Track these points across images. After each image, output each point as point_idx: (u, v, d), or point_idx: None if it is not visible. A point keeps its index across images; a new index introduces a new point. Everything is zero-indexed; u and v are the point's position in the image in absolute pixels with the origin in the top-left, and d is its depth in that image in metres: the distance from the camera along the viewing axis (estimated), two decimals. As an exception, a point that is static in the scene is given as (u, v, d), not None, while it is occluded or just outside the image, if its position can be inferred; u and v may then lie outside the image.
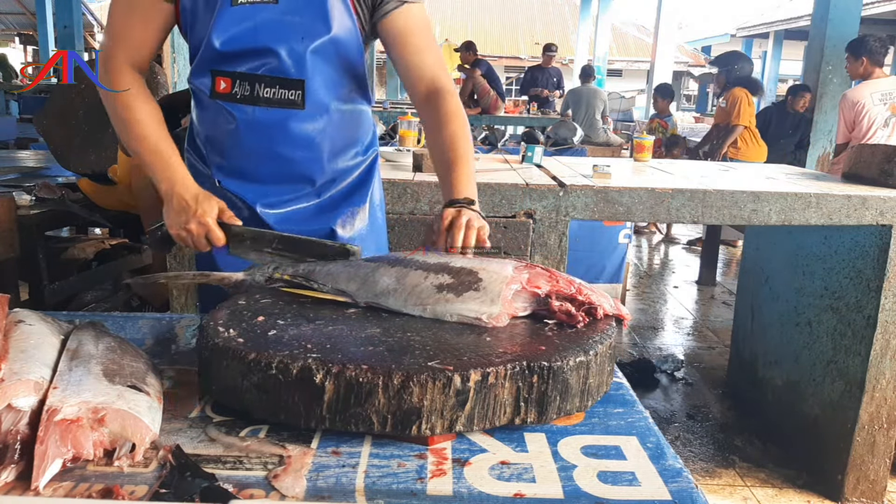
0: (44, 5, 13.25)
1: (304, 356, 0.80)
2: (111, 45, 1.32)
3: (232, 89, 1.31)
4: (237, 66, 1.29)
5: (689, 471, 0.77)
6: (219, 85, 1.32)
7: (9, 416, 0.74)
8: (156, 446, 0.77)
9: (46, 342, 0.90)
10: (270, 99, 1.30)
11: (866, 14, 9.43)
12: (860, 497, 2.39)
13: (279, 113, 1.32)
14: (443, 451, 0.79)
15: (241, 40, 1.27)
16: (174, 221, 1.24)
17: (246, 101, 1.31)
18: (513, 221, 2.17)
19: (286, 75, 1.29)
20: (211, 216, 1.22)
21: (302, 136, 1.35)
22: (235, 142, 1.37)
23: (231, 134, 1.36)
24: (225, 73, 1.31)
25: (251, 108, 1.32)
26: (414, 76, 1.35)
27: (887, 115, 4.26)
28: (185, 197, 1.24)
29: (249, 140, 1.35)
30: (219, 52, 1.28)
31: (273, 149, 1.36)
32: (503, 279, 0.97)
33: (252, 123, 1.33)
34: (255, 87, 1.30)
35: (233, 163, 1.40)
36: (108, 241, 3.52)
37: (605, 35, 13.89)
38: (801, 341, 2.66)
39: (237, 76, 1.30)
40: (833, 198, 2.22)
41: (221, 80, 1.31)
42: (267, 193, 1.40)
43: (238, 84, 1.31)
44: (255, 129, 1.34)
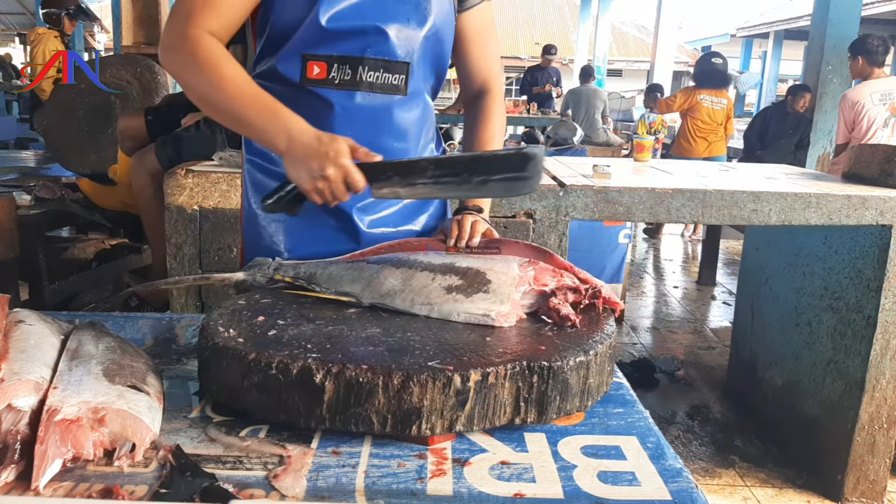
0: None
1: (304, 356, 0.80)
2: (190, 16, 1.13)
3: (328, 74, 1.21)
4: (335, 48, 1.19)
5: (689, 471, 0.77)
6: (311, 70, 1.21)
7: (9, 416, 0.74)
8: (156, 446, 0.77)
9: (46, 342, 0.90)
10: (373, 83, 1.22)
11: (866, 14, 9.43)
12: (860, 497, 2.39)
13: (381, 99, 1.24)
14: (443, 451, 0.79)
15: (348, 17, 1.18)
16: (305, 174, 1.06)
17: (346, 85, 1.21)
18: (513, 221, 2.17)
19: (393, 57, 1.21)
20: (345, 155, 1.05)
21: (401, 125, 1.28)
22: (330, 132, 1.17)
23: (325, 125, 1.18)
24: (319, 56, 1.20)
25: (352, 93, 1.22)
26: (472, 73, 1.34)
27: (887, 116, 4.27)
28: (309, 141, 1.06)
29: (347, 130, 1.18)
30: (324, 30, 1.17)
31: (372, 140, 1.19)
32: (512, 280, 0.97)
33: (352, 111, 1.23)
34: (357, 71, 1.21)
35: None
36: (108, 241, 3.52)
37: (605, 35, 13.89)
38: (801, 341, 2.66)
39: (334, 60, 1.20)
40: (833, 198, 2.21)
41: (315, 64, 1.20)
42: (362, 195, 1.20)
43: (336, 68, 1.20)
44: (356, 118, 1.23)
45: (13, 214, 2.57)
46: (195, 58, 1.11)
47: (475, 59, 1.34)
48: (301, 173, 1.06)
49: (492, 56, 1.36)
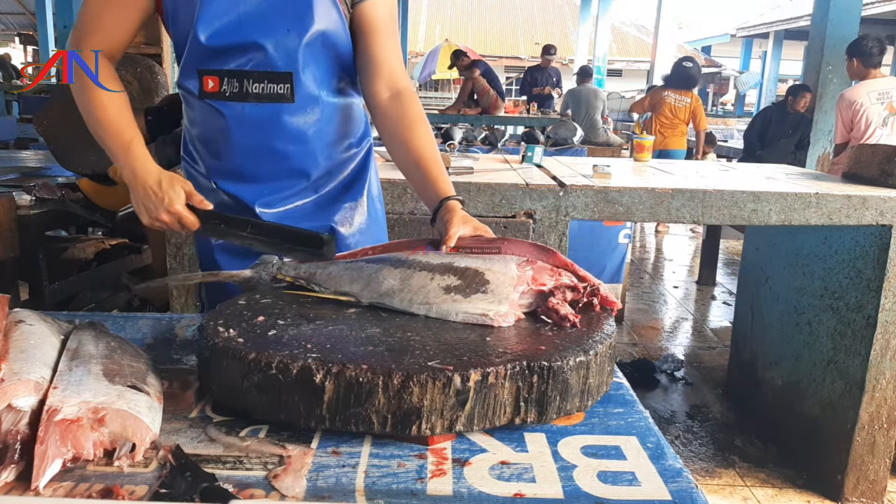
0: (44, 5, 13.24)
1: (304, 356, 0.80)
2: (83, 31, 1.28)
3: (220, 87, 1.30)
4: (224, 63, 1.28)
5: (689, 471, 0.77)
6: (207, 84, 1.30)
7: (9, 416, 0.74)
8: (156, 446, 0.77)
9: (46, 342, 0.90)
10: (260, 94, 1.29)
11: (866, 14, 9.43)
12: (860, 497, 2.39)
13: (269, 108, 1.30)
14: (443, 451, 0.79)
15: (226, 35, 1.25)
16: (143, 210, 1.19)
17: (235, 97, 1.30)
18: (513, 221, 2.17)
19: (274, 69, 1.27)
20: (179, 203, 1.17)
21: (294, 129, 1.33)
22: (227, 141, 1.35)
23: (223, 133, 1.34)
24: (212, 71, 1.29)
25: (241, 104, 1.30)
26: (373, 70, 1.34)
27: (885, 115, 4.28)
28: (150, 183, 1.18)
29: (241, 137, 1.34)
30: (204, 48, 1.26)
31: (266, 144, 1.34)
32: (510, 280, 0.97)
33: (242, 120, 1.32)
34: (243, 84, 1.29)
35: (227, 163, 1.38)
36: (108, 241, 3.52)
37: (605, 35, 13.89)
38: (801, 341, 2.66)
39: (224, 74, 1.29)
40: (833, 198, 2.21)
41: (209, 79, 1.30)
42: (264, 192, 1.38)
43: (226, 82, 1.29)
44: (246, 126, 1.32)
45: (13, 214, 2.57)
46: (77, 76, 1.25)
47: (374, 55, 1.33)
48: (140, 209, 1.20)
49: (392, 51, 1.34)
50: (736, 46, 22.93)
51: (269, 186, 1.38)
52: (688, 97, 6.18)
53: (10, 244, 2.54)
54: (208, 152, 1.40)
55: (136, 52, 4.32)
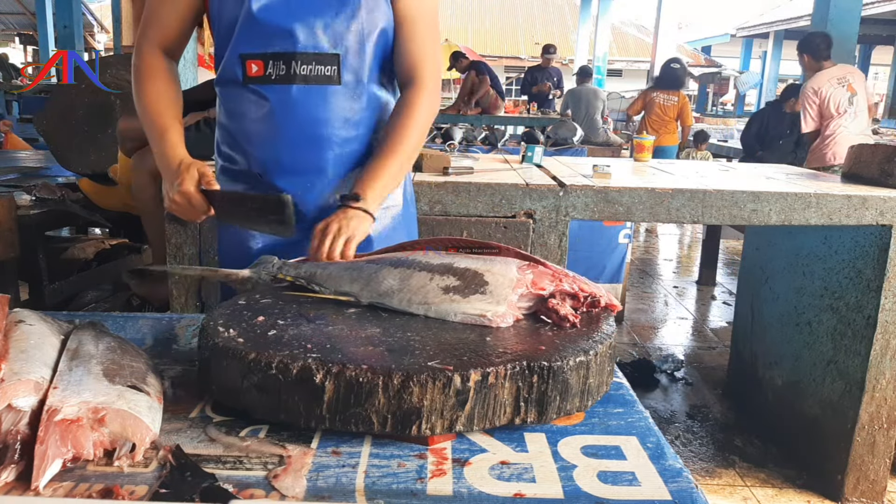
0: (44, 5, 13.24)
1: (304, 356, 0.80)
2: (142, 28, 1.34)
3: (265, 71, 1.29)
4: (269, 46, 1.27)
5: (689, 471, 0.77)
6: (250, 69, 1.29)
7: (9, 416, 0.74)
8: (156, 446, 0.77)
9: (46, 342, 0.90)
10: (307, 76, 1.28)
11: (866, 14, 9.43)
12: (860, 497, 2.39)
13: (317, 90, 1.29)
14: (443, 451, 0.79)
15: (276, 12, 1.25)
16: (165, 193, 1.23)
17: (281, 80, 1.28)
18: (513, 221, 2.17)
19: (321, 50, 1.27)
20: (190, 184, 1.19)
21: (341, 114, 1.32)
22: (273, 127, 1.32)
23: (266, 120, 1.32)
24: (256, 55, 1.28)
25: (287, 87, 1.29)
26: (399, 61, 1.35)
27: (849, 95, 4.58)
28: (172, 166, 1.22)
29: (287, 122, 1.31)
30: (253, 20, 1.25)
31: (312, 130, 1.32)
32: (509, 282, 0.97)
33: (289, 103, 1.30)
34: (290, 65, 1.27)
35: (272, 152, 1.35)
36: (108, 241, 3.53)
37: (605, 35, 13.90)
38: (801, 341, 2.66)
39: (269, 57, 1.28)
40: (833, 198, 2.21)
41: (252, 63, 1.29)
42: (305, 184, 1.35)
43: (272, 64, 1.28)
44: (293, 109, 1.30)
45: (13, 214, 2.57)
46: (135, 69, 1.32)
47: (402, 46, 1.34)
48: (164, 192, 1.24)
49: (420, 44, 1.34)
50: (736, 46, 22.93)
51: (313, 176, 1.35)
52: (675, 96, 6.58)
53: (10, 244, 2.54)
54: (251, 144, 1.36)
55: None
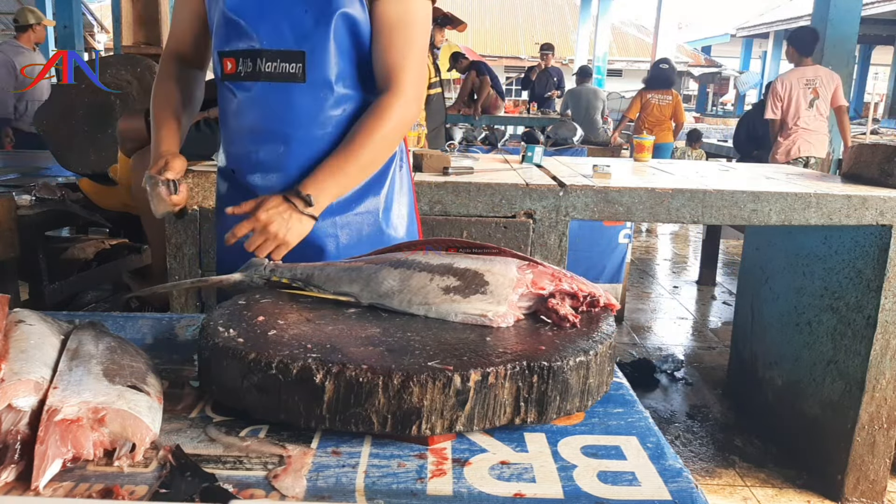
0: (44, 5, 13.24)
1: (304, 356, 0.80)
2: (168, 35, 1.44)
3: (237, 68, 1.31)
4: (240, 43, 1.30)
5: (689, 471, 0.77)
6: (226, 66, 1.33)
7: (9, 416, 0.74)
8: (156, 446, 0.77)
9: (46, 342, 0.90)
10: (271, 73, 1.29)
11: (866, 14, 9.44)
12: (860, 497, 2.39)
13: (280, 88, 1.29)
14: (443, 451, 0.79)
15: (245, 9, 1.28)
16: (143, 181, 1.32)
17: (249, 77, 1.30)
18: (513, 221, 2.17)
19: (286, 47, 1.27)
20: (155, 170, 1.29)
21: (304, 113, 1.31)
22: (238, 122, 1.35)
23: (236, 116, 1.35)
24: (228, 52, 1.32)
25: (253, 83, 1.31)
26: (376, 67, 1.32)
27: (811, 98, 4.98)
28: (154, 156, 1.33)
29: (251, 119, 1.33)
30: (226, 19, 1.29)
31: (275, 127, 1.32)
32: (510, 282, 0.97)
33: (253, 100, 1.32)
34: (256, 62, 1.29)
35: (239, 147, 1.37)
36: (108, 241, 3.52)
37: (605, 35, 13.90)
38: (801, 341, 2.66)
39: (239, 54, 1.30)
40: (833, 198, 2.22)
41: (227, 60, 1.32)
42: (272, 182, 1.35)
43: (241, 62, 1.30)
44: (256, 106, 1.32)
45: (13, 214, 2.57)
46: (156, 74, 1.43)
47: (379, 53, 1.31)
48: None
49: (399, 52, 1.30)
50: (736, 46, 22.93)
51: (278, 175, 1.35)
52: (669, 96, 6.85)
53: (10, 244, 2.54)
54: (227, 140, 1.40)
55: (136, 52, 4.32)
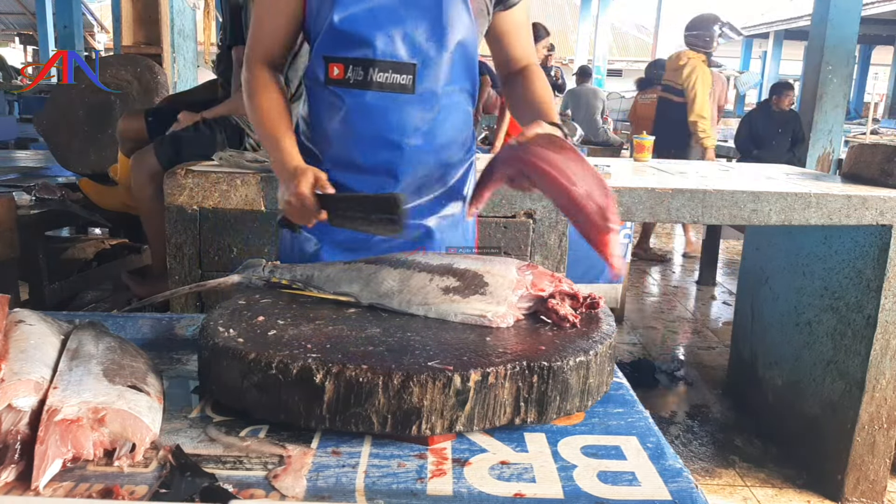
0: (44, 5, 13.24)
1: (304, 356, 0.80)
2: (249, 45, 1.41)
3: (345, 74, 1.33)
4: (351, 51, 1.31)
5: (689, 471, 0.77)
6: (332, 71, 1.34)
7: (9, 416, 0.74)
8: (156, 446, 0.77)
9: (46, 342, 0.90)
10: (382, 83, 1.32)
11: (866, 14, 9.44)
12: (860, 497, 2.39)
13: (390, 97, 1.33)
14: (443, 451, 0.79)
15: (359, 21, 1.29)
16: (280, 196, 1.27)
17: (359, 85, 1.33)
18: (513, 221, 2.17)
19: (398, 59, 1.31)
20: (305, 186, 1.20)
21: (412, 123, 1.35)
22: (346, 129, 1.38)
23: (342, 121, 1.37)
24: (338, 58, 1.33)
25: (363, 92, 1.33)
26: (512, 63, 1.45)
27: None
28: (287, 170, 1.26)
29: (360, 126, 1.36)
30: (336, 31, 1.30)
31: (383, 135, 1.36)
32: (509, 283, 0.97)
33: (363, 108, 1.34)
34: (368, 72, 1.32)
35: (343, 152, 1.40)
36: (108, 241, 3.53)
37: (605, 35, 13.90)
38: (801, 341, 2.66)
39: (350, 61, 1.32)
40: (833, 198, 2.21)
41: (334, 66, 1.33)
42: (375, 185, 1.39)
43: (351, 69, 1.32)
44: (366, 114, 1.35)
45: (13, 214, 2.57)
46: (245, 84, 1.39)
47: (516, 52, 1.44)
48: (279, 195, 1.27)
49: (529, 47, 1.47)
50: (736, 46, 22.92)
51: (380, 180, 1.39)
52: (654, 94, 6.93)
53: (10, 244, 2.54)
54: (326, 142, 1.42)
55: (136, 52, 4.32)
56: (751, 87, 18.55)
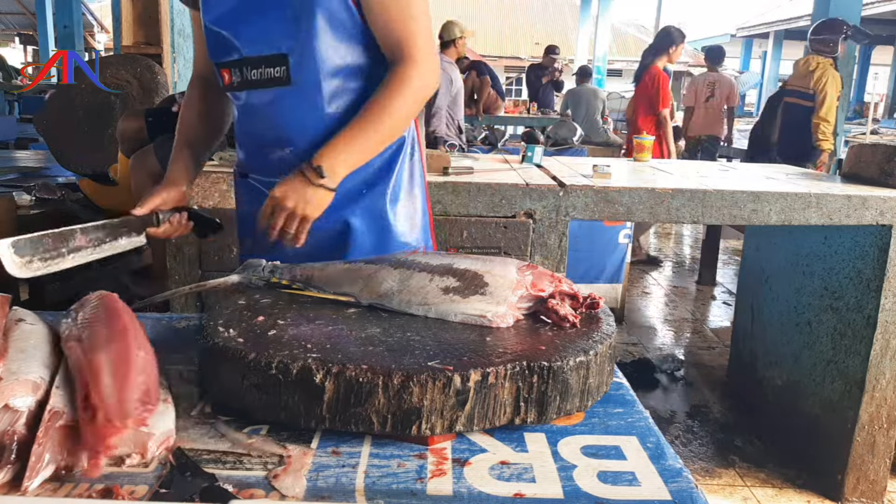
0: (44, 5, 13.25)
1: (304, 356, 0.80)
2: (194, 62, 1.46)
3: (231, 79, 1.31)
4: (229, 54, 1.29)
5: (689, 471, 0.77)
6: (224, 78, 1.32)
7: (6, 416, 0.73)
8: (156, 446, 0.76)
9: (46, 342, 0.90)
10: (258, 80, 1.28)
11: (866, 14, 9.44)
12: (860, 497, 2.39)
13: (268, 94, 1.28)
14: (443, 451, 0.79)
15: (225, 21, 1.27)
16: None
17: (240, 86, 1.30)
18: (513, 221, 2.17)
19: (268, 52, 1.25)
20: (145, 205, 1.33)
21: (295, 115, 1.29)
22: (240, 131, 1.38)
23: (238, 124, 1.37)
24: (223, 64, 1.31)
25: (244, 92, 1.31)
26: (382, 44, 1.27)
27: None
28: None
29: (248, 126, 1.35)
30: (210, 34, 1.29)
31: (270, 133, 1.32)
32: (509, 283, 0.97)
33: (248, 109, 1.33)
34: (243, 71, 1.29)
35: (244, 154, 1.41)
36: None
37: (605, 35, 13.89)
38: (801, 341, 2.66)
39: (231, 64, 1.30)
40: (833, 198, 2.22)
41: (224, 72, 1.32)
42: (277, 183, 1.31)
43: (234, 72, 1.30)
44: (251, 114, 1.33)
45: (13, 214, 2.57)
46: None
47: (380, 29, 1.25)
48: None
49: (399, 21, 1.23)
50: (736, 46, 22.92)
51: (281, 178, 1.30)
52: None
53: (10, 244, 2.54)
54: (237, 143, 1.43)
55: (136, 52, 4.32)
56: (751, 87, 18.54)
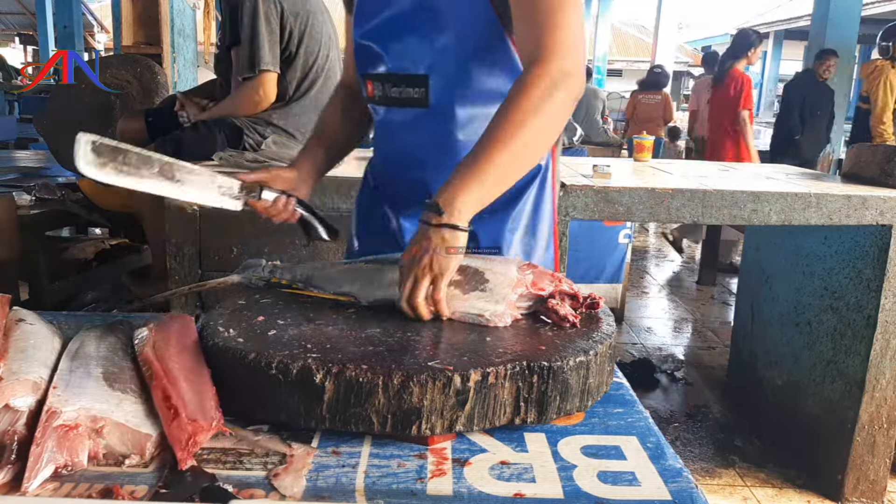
0: (44, 5, 13.26)
1: (304, 356, 0.80)
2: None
3: (374, 92, 1.28)
4: (375, 67, 1.26)
5: (689, 471, 0.77)
6: (368, 88, 1.30)
7: (6, 416, 0.73)
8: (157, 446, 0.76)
9: (46, 342, 0.90)
10: (398, 98, 1.25)
11: (866, 14, 9.44)
12: (860, 497, 2.39)
13: (407, 113, 1.25)
14: (443, 451, 0.79)
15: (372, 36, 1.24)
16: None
17: (382, 101, 1.28)
18: (513, 221, 2.17)
19: (410, 72, 1.21)
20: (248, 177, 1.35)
21: (430, 138, 1.24)
22: (377, 146, 1.37)
23: (376, 138, 1.36)
24: (369, 75, 1.28)
25: (384, 108, 1.28)
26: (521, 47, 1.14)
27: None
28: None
29: (387, 143, 1.32)
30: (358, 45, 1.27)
31: (404, 151, 1.28)
32: (510, 282, 0.97)
33: (387, 124, 1.29)
34: (385, 87, 1.26)
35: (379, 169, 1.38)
36: (108, 241, 3.53)
37: (605, 35, 13.90)
38: (801, 341, 2.66)
39: (375, 77, 1.27)
40: (833, 198, 2.21)
41: (368, 83, 1.29)
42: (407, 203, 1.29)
43: (377, 85, 1.27)
44: (390, 131, 1.30)
45: (13, 214, 2.57)
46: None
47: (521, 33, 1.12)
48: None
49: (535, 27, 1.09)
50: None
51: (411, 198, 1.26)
52: (658, 96, 7.76)
53: (10, 244, 2.54)
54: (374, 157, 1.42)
55: (136, 52, 4.32)
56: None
